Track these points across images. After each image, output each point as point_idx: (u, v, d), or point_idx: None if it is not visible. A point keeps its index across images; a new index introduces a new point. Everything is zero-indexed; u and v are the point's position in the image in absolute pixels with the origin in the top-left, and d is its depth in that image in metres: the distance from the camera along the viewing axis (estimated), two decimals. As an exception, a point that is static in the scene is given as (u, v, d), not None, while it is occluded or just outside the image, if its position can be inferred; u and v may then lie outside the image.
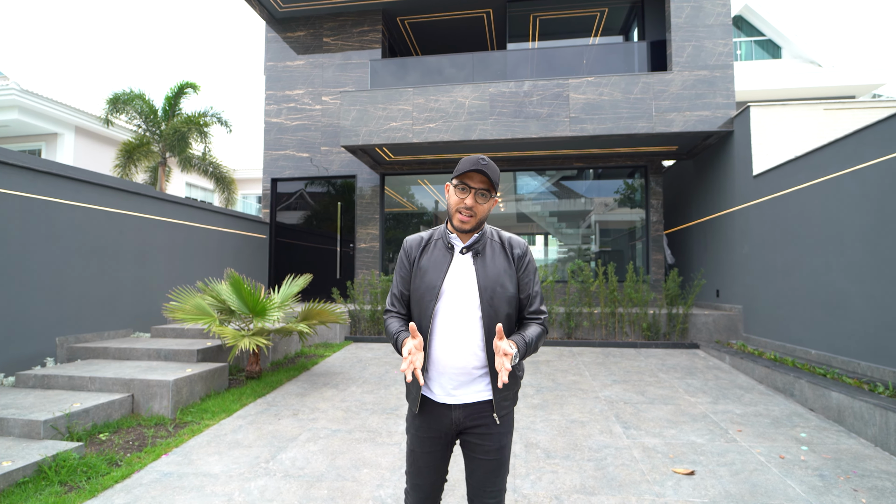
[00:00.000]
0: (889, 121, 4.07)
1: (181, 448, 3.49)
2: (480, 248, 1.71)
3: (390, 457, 3.31)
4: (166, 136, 13.55)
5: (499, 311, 1.63)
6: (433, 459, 1.72)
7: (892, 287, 3.93)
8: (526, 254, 1.74)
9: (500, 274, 1.66)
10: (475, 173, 1.63)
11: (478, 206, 1.66)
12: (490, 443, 1.66)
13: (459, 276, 1.68)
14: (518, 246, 1.74)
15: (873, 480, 2.88)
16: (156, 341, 5.55)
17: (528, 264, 1.73)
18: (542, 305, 1.74)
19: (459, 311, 1.65)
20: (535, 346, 1.66)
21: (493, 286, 1.64)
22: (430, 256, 1.73)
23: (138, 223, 6.19)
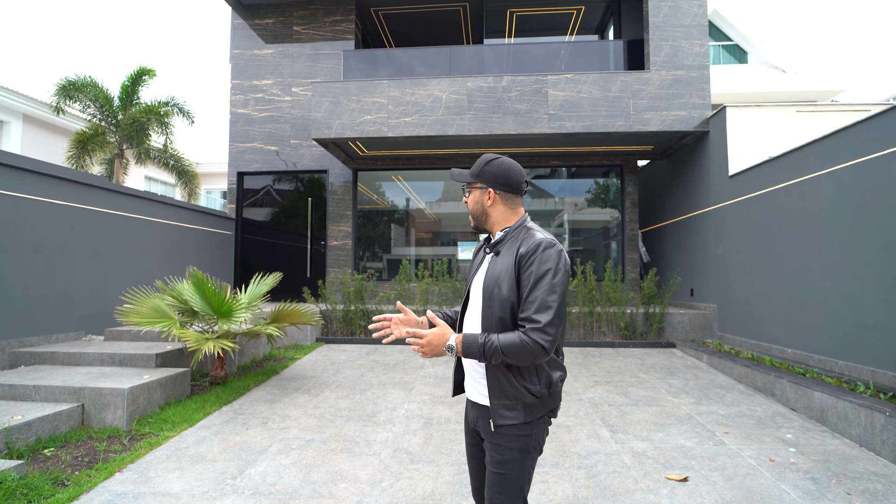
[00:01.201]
0: (867, 122, 4.10)
1: (137, 464, 3.17)
2: (501, 248, 1.64)
3: (370, 469, 3.09)
4: (123, 127, 12.82)
5: (493, 312, 1.55)
6: (469, 447, 1.75)
7: (871, 287, 3.96)
8: (531, 253, 1.51)
9: (500, 275, 1.56)
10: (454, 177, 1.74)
11: (467, 201, 1.72)
12: (492, 452, 1.57)
13: (480, 276, 1.67)
14: (526, 243, 1.55)
15: (864, 483, 2.85)
16: (110, 345, 5.13)
17: (532, 265, 1.50)
18: (539, 315, 1.43)
19: (473, 311, 1.66)
20: (502, 352, 1.44)
21: (492, 287, 1.57)
22: (477, 257, 1.80)
23: (91, 217, 5.73)
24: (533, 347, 1.43)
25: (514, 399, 1.53)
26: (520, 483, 1.55)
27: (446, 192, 9.96)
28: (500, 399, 1.53)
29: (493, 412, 1.55)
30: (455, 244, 10.01)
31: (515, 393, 1.52)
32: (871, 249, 3.97)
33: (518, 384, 1.52)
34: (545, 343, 1.43)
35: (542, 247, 1.51)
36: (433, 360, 5.95)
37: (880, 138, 3.90)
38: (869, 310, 3.97)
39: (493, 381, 1.55)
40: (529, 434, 1.54)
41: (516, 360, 1.45)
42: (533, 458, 1.57)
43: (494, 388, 1.55)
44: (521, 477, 1.55)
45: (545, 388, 1.54)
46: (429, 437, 3.61)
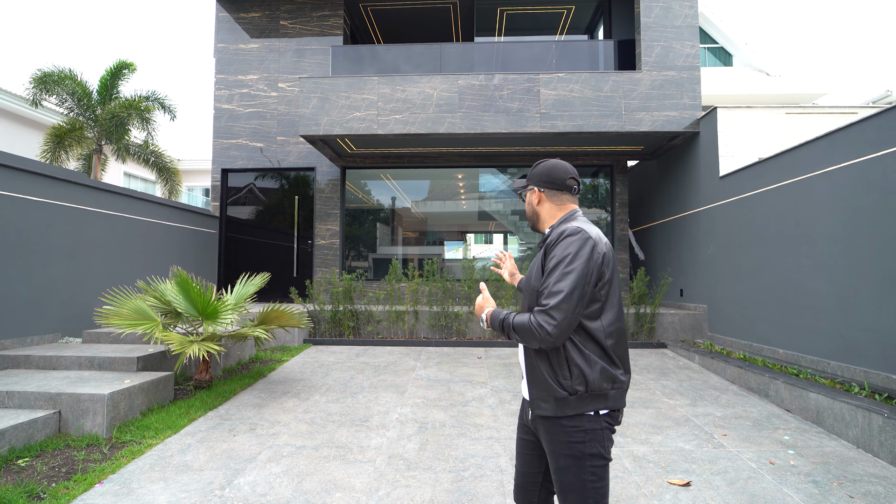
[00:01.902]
0: (860, 124, 4.12)
1: (119, 474, 3.01)
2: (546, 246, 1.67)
3: (365, 477, 2.98)
4: (102, 122, 12.45)
5: (527, 303, 1.64)
6: (521, 446, 1.73)
7: (864, 287, 3.98)
8: (554, 242, 1.53)
9: (535, 268, 1.63)
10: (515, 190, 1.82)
11: (526, 205, 1.78)
12: (549, 456, 1.55)
13: None
14: (553, 235, 1.58)
15: (865, 485, 2.84)
16: (88, 347, 4.92)
17: (554, 252, 1.51)
18: (547, 299, 1.43)
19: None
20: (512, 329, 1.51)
21: (528, 279, 1.65)
22: None
23: (70, 214, 5.50)
24: (536, 329, 1.43)
25: (545, 391, 1.52)
26: (581, 495, 1.45)
27: (434, 192, 9.86)
28: (536, 389, 1.55)
29: (532, 402, 1.57)
30: (442, 244, 9.92)
31: (546, 385, 1.51)
32: (865, 250, 3.99)
33: (548, 376, 1.51)
34: (548, 326, 1.41)
35: (563, 235, 1.52)
36: (424, 362, 5.85)
37: (874, 140, 3.91)
38: (862, 310, 3.99)
39: (529, 371, 1.58)
40: (582, 441, 1.46)
41: (523, 338, 1.49)
42: (592, 465, 1.46)
43: (531, 378, 1.58)
44: (581, 487, 1.45)
45: (580, 386, 1.47)
46: (424, 442, 3.51)
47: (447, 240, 10.14)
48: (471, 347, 6.66)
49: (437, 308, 7.11)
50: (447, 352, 6.42)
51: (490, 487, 2.84)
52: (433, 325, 7.08)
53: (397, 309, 7.10)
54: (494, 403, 4.37)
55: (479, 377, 5.20)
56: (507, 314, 1.56)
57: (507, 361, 5.91)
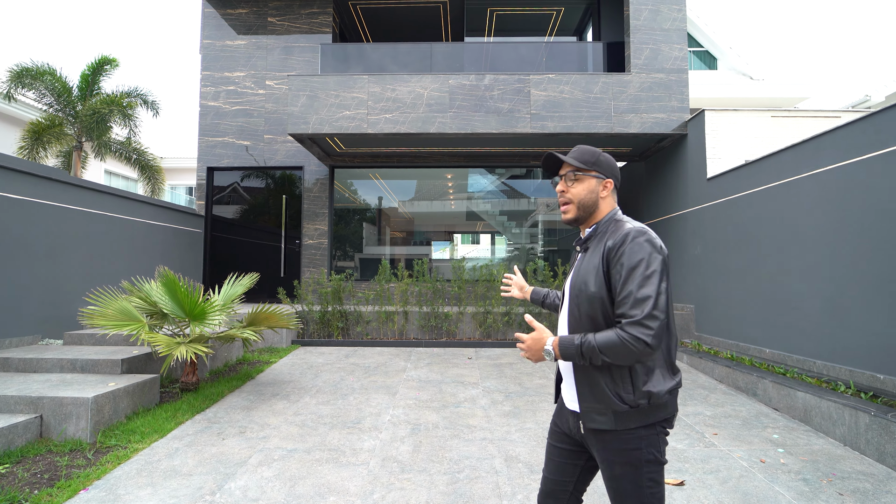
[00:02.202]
0: (847, 127, 4.19)
1: (104, 480, 2.93)
2: (591, 243, 1.55)
3: (359, 480, 2.94)
4: (83, 118, 12.18)
5: (581, 311, 1.47)
6: (555, 454, 1.64)
7: (851, 288, 4.05)
8: (620, 245, 1.41)
9: (588, 271, 1.49)
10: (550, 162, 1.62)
11: (570, 191, 1.57)
12: (602, 465, 1.48)
13: (571, 274, 1.61)
14: (614, 236, 1.45)
15: (854, 482, 2.88)
16: (70, 349, 4.79)
17: (621, 257, 1.39)
18: (635, 309, 1.32)
19: (564, 312, 1.60)
20: (600, 352, 1.33)
21: (580, 284, 1.50)
22: (573, 256, 1.72)
23: (50, 213, 5.35)
24: (632, 343, 1.30)
25: (602, 404, 1.42)
26: (638, 501, 1.41)
27: (422, 192, 9.83)
28: (589, 402, 1.45)
29: (583, 414, 1.47)
30: (429, 244, 9.90)
31: (604, 398, 1.42)
32: (850, 252, 4.06)
33: (607, 390, 1.41)
34: (646, 338, 1.29)
35: (630, 236, 1.40)
36: (415, 363, 5.82)
37: (861, 143, 3.99)
38: (848, 311, 4.06)
39: (581, 384, 1.48)
40: (637, 447, 1.40)
41: (616, 358, 1.33)
42: (649, 471, 1.40)
43: (583, 391, 1.47)
44: (639, 493, 1.40)
45: (643, 400, 1.39)
46: (418, 444, 3.48)
47: (434, 240, 10.12)
48: (461, 348, 6.65)
49: (426, 308, 7.08)
50: (437, 352, 6.39)
51: (486, 489, 2.82)
52: (423, 326, 7.05)
53: (387, 309, 7.05)
54: (487, 404, 4.35)
55: (470, 378, 5.19)
56: (582, 338, 1.39)
57: (497, 362, 5.90)
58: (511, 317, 7.04)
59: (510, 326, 7.05)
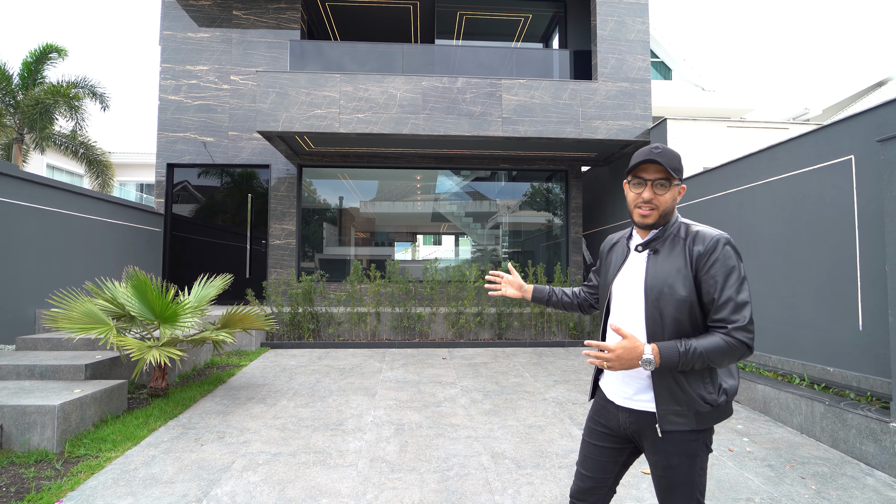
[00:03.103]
0: (799, 139, 4.53)
1: (79, 491, 2.79)
2: (659, 245, 1.55)
3: (349, 481, 2.93)
4: (24, 109, 11.42)
5: (665, 314, 1.47)
6: (596, 453, 1.66)
7: (801, 288, 4.38)
8: (711, 251, 1.44)
9: (671, 273, 1.48)
10: (649, 164, 1.52)
11: (658, 198, 1.53)
12: (656, 457, 1.52)
13: (631, 275, 1.60)
14: (702, 241, 1.47)
15: (813, 467, 3.14)
16: (25, 355, 4.50)
17: (714, 264, 1.43)
18: (737, 314, 1.39)
19: (627, 312, 1.57)
20: (703, 357, 1.38)
21: (661, 287, 1.48)
22: (613, 254, 1.73)
23: (1, 210, 5.01)
24: (738, 347, 1.38)
25: (685, 405, 1.46)
26: (689, 487, 1.48)
27: (389, 192, 9.81)
28: (670, 405, 1.46)
29: (660, 417, 1.47)
30: (392, 244, 9.90)
31: (687, 399, 1.46)
32: (802, 254, 4.39)
33: (692, 391, 1.45)
34: (748, 341, 1.39)
35: (721, 243, 1.45)
36: (390, 364, 5.81)
37: (812, 154, 4.32)
38: (800, 309, 4.39)
39: (661, 386, 1.47)
40: (697, 440, 1.47)
41: (721, 362, 1.40)
42: (702, 460, 1.49)
43: (663, 393, 1.47)
44: (691, 480, 1.48)
45: (721, 397, 1.48)
46: (404, 444, 3.50)
47: (398, 240, 10.12)
48: (434, 348, 6.69)
49: (399, 309, 7.08)
50: (411, 353, 6.41)
51: (477, 485, 2.88)
52: (395, 327, 7.05)
53: (359, 311, 7.01)
54: (467, 403, 4.42)
55: (447, 378, 5.24)
56: (685, 344, 1.39)
57: (472, 362, 5.98)
58: (483, 317, 7.15)
59: (482, 327, 7.16)
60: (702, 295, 1.45)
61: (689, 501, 1.49)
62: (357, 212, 9.46)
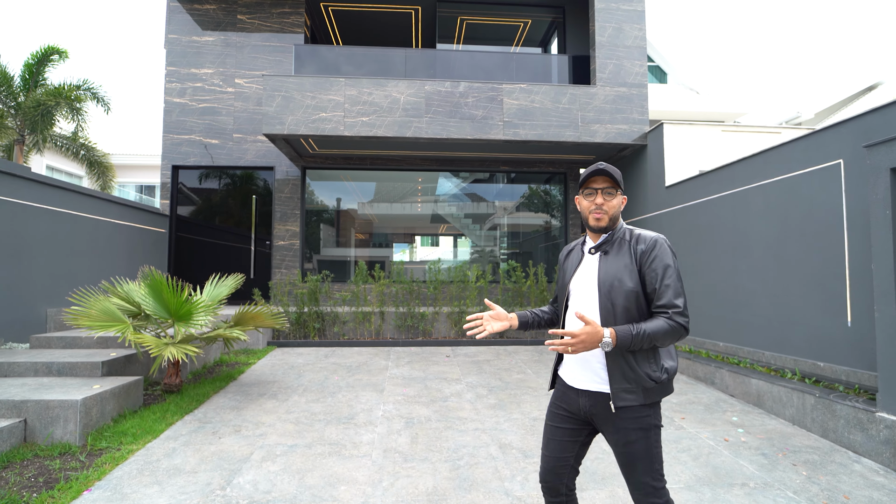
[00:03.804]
0: (791, 144, 4.71)
1: (106, 481, 2.92)
2: (608, 248, 1.82)
3: (365, 470, 3.08)
4: (26, 110, 11.50)
5: (616, 304, 1.72)
6: (558, 434, 1.86)
7: (793, 287, 4.56)
8: (652, 249, 1.72)
9: (619, 269, 1.74)
10: (597, 176, 1.80)
11: (607, 204, 1.80)
12: (616, 436, 1.72)
13: (586, 274, 1.84)
14: (644, 242, 1.75)
15: (804, 455, 3.30)
16: (41, 353, 4.61)
17: (655, 260, 1.70)
18: (677, 300, 1.65)
19: (583, 305, 1.81)
20: (651, 338, 1.61)
21: (612, 281, 1.74)
22: (569, 259, 1.97)
23: (12, 211, 5.12)
24: (678, 329, 1.63)
25: (634, 383, 1.68)
26: (649, 457, 1.69)
27: (390, 194, 9.94)
28: (621, 383, 1.68)
29: (614, 395, 1.68)
30: (390, 245, 10.03)
31: (636, 377, 1.68)
32: (794, 254, 4.57)
33: (640, 370, 1.68)
34: (685, 324, 1.65)
35: (658, 242, 1.73)
36: (395, 361, 5.95)
37: (802, 158, 4.50)
38: (792, 307, 4.57)
39: (613, 368, 1.70)
40: (648, 415, 1.69)
41: (664, 342, 1.64)
42: (656, 434, 1.71)
43: (615, 374, 1.69)
44: (650, 452, 1.69)
45: (665, 375, 1.71)
46: (414, 436, 3.64)
47: (398, 241, 10.26)
48: (437, 347, 6.84)
49: (403, 309, 7.22)
50: (415, 351, 6.55)
51: (486, 473, 3.03)
52: (399, 326, 7.19)
53: (364, 310, 7.14)
54: (472, 398, 4.57)
55: (451, 374, 5.39)
56: (636, 327, 1.62)
57: (475, 359, 6.13)
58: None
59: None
60: (646, 286, 1.71)
61: (650, 472, 1.69)
62: (360, 213, 9.59)
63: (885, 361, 3.17)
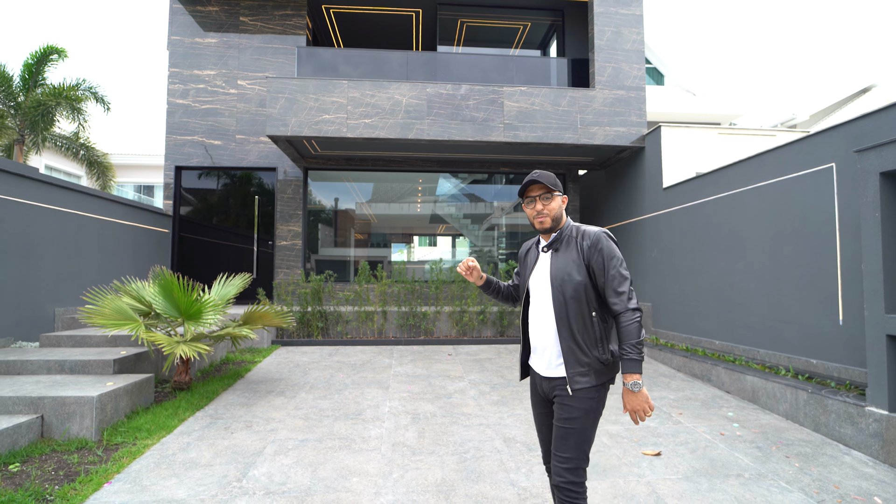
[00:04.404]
0: (785, 147, 4.85)
1: (125, 474, 3.02)
2: (558, 245, 2.00)
3: (375, 463, 3.19)
4: (26, 110, 11.54)
5: (566, 296, 1.89)
6: (541, 418, 2.07)
7: (787, 287, 4.70)
8: (596, 243, 1.89)
9: (569, 264, 1.92)
10: (532, 185, 1.99)
11: (547, 207, 1.99)
12: (561, 411, 1.89)
13: (541, 271, 2.03)
14: (589, 237, 1.92)
15: (796, 448, 3.44)
16: (51, 351, 4.70)
17: (600, 252, 1.88)
18: (622, 287, 1.84)
19: (540, 300, 2.00)
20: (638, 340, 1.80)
21: (562, 275, 1.91)
22: (528, 257, 2.15)
23: (21, 211, 5.20)
24: (636, 314, 1.83)
25: (586, 367, 1.86)
26: (582, 437, 1.85)
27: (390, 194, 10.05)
28: (576, 368, 1.86)
29: (570, 379, 1.86)
30: (388, 245, 10.14)
31: (589, 362, 1.86)
32: (788, 255, 4.71)
33: (591, 355, 1.86)
34: (637, 305, 1.85)
35: (602, 237, 1.91)
36: (399, 360, 6.06)
37: (797, 161, 4.64)
38: (786, 306, 4.70)
39: (568, 355, 1.88)
40: (594, 397, 1.86)
41: (641, 332, 1.83)
42: (595, 418, 1.87)
43: (570, 360, 1.87)
44: (584, 433, 1.85)
45: (610, 357, 1.88)
46: (421, 431, 3.76)
47: (399, 241, 10.36)
48: (439, 345, 6.95)
49: (405, 308, 7.33)
50: (418, 350, 6.66)
51: (492, 465, 3.15)
52: (401, 325, 7.30)
53: (366, 309, 7.24)
54: (476, 395, 4.68)
55: (454, 372, 5.50)
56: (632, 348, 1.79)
57: (476, 357, 6.25)
58: (486, 315, 7.42)
59: (485, 325, 7.43)
60: (594, 277, 1.89)
61: (578, 449, 1.85)
62: (361, 214, 9.68)
63: (874, 358, 3.30)
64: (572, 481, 1.83)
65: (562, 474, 1.85)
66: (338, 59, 8.36)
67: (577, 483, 1.84)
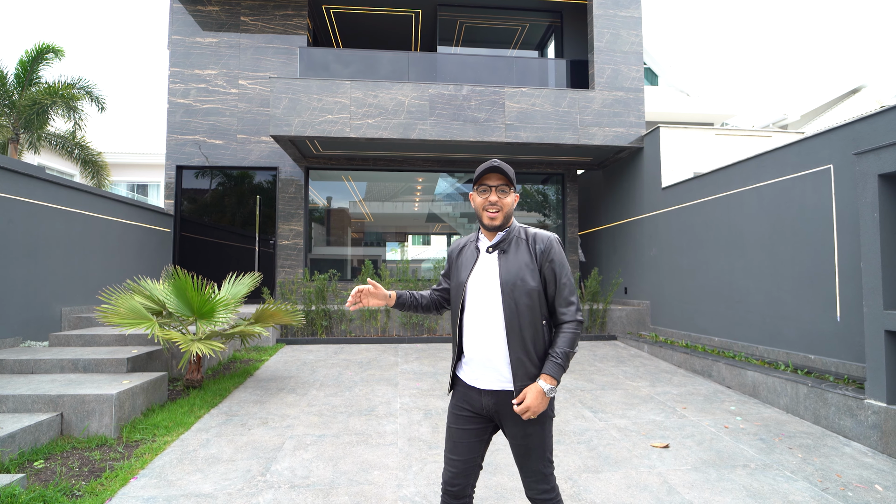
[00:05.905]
0: (783, 149, 4.99)
1: (149, 469, 3.08)
2: (506, 246, 1.83)
3: (394, 457, 3.27)
4: (21, 109, 11.46)
5: (519, 303, 1.73)
6: (465, 436, 1.83)
7: (786, 284, 4.84)
8: (550, 248, 1.79)
9: (521, 268, 1.77)
10: (492, 173, 1.81)
11: (501, 201, 1.81)
12: (515, 429, 1.77)
13: (484, 274, 1.82)
14: (541, 241, 1.81)
15: (798, 440, 3.57)
16: (62, 350, 4.73)
17: (554, 258, 1.78)
18: (572, 297, 1.77)
19: (484, 306, 1.79)
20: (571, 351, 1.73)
21: (514, 280, 1.75)
22: (463, 257, 1.91)
23: (28, 211, 5.21)
24: (579, 327, 1.77)
25: (532, 379, 1.73)
26: (543, 446, 1.77)
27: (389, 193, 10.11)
28: (524, 380, 1.72)
29: (517, 392, 1.72)
30: (383, 244, 10.21)
31: (537, 373, 1.74)
32: (786, 253, 4.86)
33: (538, 364, 1.75)
34: (582, 317, 1.79)
35: (554, 241, 1.82)
36: (404, 357, 6.14)
37: (795, 163, 4.78)
38: (785, 303, 4.85)
39: (517, 366, 1.73)
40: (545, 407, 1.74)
41: (577, 343, 1.77)
42: (551, 422, 1.80)
43: (519, 373, 1.73)
44: (544, 442, 1.77)
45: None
46: (435, 426, 3.84)
47: (389, 241, 10.43)
48: (443, 343, 7.04)
49: (407, 306, 7.40)
50: (422, 348, 6.75)
51: (507, 458, 3.24)
52: (405, 324, 7.38)
53: (370, 308, 7.31)
54: (484, 391, 4.77)
55: (460, 369, 5.58)
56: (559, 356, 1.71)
57: (480, 355, 6.34)
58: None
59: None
60: (546, 283, 1.79)
61: (542, 461, 1.78)
62: (353, 212, 9.73)
63: (872, 352, 3.44)
64: (545, 489, 1.78)
65: (533, 488, 1.78)
66: (339, 60, 8.41)
67: (550, 489, 1.78)
